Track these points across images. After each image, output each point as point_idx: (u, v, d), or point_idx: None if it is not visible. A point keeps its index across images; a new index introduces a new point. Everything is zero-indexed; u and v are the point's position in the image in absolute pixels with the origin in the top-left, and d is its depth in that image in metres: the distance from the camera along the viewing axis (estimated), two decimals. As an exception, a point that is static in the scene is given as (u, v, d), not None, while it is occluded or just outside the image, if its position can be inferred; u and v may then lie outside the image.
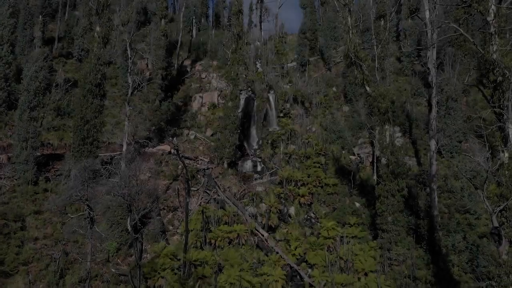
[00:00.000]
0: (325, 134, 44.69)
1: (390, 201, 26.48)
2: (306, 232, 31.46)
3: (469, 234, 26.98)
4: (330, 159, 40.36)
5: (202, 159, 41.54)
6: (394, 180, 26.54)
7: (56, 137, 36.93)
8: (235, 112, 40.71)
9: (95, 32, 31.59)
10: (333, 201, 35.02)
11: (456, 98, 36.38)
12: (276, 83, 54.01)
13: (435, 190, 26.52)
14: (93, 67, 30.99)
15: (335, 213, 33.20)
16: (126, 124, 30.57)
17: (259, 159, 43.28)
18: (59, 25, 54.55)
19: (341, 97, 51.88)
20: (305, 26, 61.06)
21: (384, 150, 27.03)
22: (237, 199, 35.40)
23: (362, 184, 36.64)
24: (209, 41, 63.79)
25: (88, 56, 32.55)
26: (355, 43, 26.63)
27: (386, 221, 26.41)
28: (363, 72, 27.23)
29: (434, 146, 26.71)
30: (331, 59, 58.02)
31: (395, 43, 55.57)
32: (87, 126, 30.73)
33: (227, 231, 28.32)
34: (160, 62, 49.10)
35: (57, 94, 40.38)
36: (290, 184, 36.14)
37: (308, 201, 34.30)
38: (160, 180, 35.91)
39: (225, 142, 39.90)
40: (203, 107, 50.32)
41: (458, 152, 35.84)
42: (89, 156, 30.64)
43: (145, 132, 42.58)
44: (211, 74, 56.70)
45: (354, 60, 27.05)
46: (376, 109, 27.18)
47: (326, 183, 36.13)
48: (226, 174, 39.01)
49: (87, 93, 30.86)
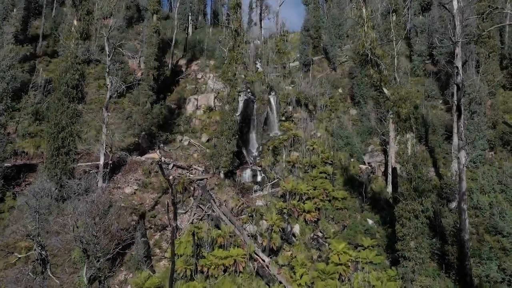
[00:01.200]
0: (331, 140, 40.78)
1: (413, 223, 22.52)
2: (313, 255, 27.51)
3: (505, 261, 23.06)
4: (337, 168, 36.43)
5: (196, 168, 37.62)
6: (418, 199, 22.59)
7: (32, 145, 33.01)
8: (232, 116, 36.77)
9: (73, 26, 27.64)
10: (343, 217, 31.08)
11: (480, 101, 32.47)
12: (277, 84, 50.16)
13: (465, 210, 22.57)
14: (69, 66, 27.03)
15: (345, 232, 29.24)
16: (103, 133, 26.51)
17: (259, 168, 39.37)
18: (44, 21, 50.61)
19: (347, 99, 47.99)
20: (308, 23, 57.12)
21: (405, 163, 23.07)
22: (235, 215, 31.46)
23: (374, 198, 32.71)
24: (206, 39, 59.88)
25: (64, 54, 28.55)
26: (372, 38, 22.69)
27: (408, 247, 22.45)
28: (381, 72, 23.30)
29: (464, 159, 22.76)
30: (336, 58, 54.14)
31: (403, 41, 51.68)
32: (62, 134, 26.79)
33: (222, 257, 24.35)
34: (152, 62, 45.23)
35: (36, 97, 36.47)
36: (294, 197, 32.22)
37: (315, 218, 30.34)
38: (148, 194, 31.97)
39: (221, 150, 35.97)
40: (198, 110, 46.40)
41: (482, 161, 31.94)
42: (65, 169, 26.74)
43: (133, 138, 38.64)
44: (207, 74, 52.82)
45: (370, 58, 23.12)
46: (396, 115, 23.24)
47: (334, 197, 32.19)
48: (223, 186, 35.07)
49: (63, 95, 26.92)
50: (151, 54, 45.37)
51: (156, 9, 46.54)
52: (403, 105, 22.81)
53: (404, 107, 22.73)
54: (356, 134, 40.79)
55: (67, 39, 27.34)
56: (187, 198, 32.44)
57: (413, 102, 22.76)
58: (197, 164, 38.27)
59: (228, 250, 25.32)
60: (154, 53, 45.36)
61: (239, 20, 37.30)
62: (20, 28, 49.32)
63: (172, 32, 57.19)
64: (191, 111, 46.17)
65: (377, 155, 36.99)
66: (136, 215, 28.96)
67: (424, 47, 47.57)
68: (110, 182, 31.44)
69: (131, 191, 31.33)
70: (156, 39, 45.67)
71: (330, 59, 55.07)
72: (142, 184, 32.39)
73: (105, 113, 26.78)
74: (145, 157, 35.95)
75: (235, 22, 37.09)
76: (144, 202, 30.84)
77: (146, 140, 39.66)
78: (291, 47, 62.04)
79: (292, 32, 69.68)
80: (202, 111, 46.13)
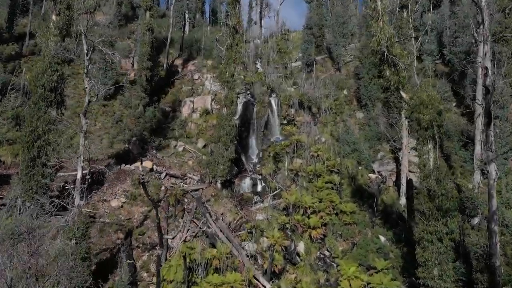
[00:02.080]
0: (337, 145, 37.82)
1: (436, 247, 19.59)
2: (320, 278, 24.56)
3: (540, 289, 20.15)
4: (344, 177, 33.49)
5: (191, 177, 34.67)
6: (442, 219, 19.64)
7: (9, 153, 30.07)
8: (230, 121, 33.82)
9: (51, 21, 24.68)
10: (352, 233, 28.12)
11: (503, 105, 29.56)
12: (278, 85, 47.19)
13: (496, 233, 19.63)
14: (47, 66, 24.09)
15: (355, 251, 26.28)
16: (81, 143, 23.48)
17: (259, 177, 36.43)
18: (31, 19, 47.61)
19: (353, 101, 45.03)
20: (311, 21, 54.12)
21: (426, 177, 20.13)
22: (233, 230, 28.52)
23: (386, 211, 29.77)
24: (204, 38, 56.87)
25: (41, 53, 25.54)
26: (390, 34, 19.75)
27: (431, 274, 19.51)
28: (399, 73, 20.37)
29: (495, 173, 19.78)
30: (341, 58, 51.16)
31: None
32: (39, 142, 23.84)
33: (217, 284, 21.39)
34: (145, 62, 42.25)
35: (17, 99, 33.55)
36: (298, 211, 29.30)
37: (321, 234, 27.40)
38: (137, 207, 29.02)
39: (218, 158, 33.03)
40: (195, 114, 43.43)
41: (505, 172, 29.02)
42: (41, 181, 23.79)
43: (123, 144, 35.68)
44: (204, 75, 49.82)
45: (386, 57, 20.18)
46: (416, 122, 20.30)
47: (342, 210, 29.25)
48: (220, 197, 32.14)
49: (39, 99, 23.98)
50: (144, 54, 42.42)
51: (149, 5, 43.56)
52: (425, 111, 19.87)
53: (425, 113, 19.79)
54: (363, 139, 37.82)
55: (44, 36, 24.38)
56: (180, 211, 29.47)
57: (436, 107, 19.79)
58: (192, 173, 35.33)
59: (224, 275, 22.38)
60: (147, 53, 42.39)
61: (237, 16, 34.36)
62: (6, 26, 46.58)
63: (168, 30, 54.25)
64: (186, 114, 43.20)
65: (388, 163, 34.03)
66: (123, 233, 26.01)
67: (434, 46, 44.68)
68: (95, 194, 28.55)
69: (118, 204, 28.37)
70: (149, 37, 42.69)
71: (334, 58, 52.14)
72: (130, 196, 29.44)
73: (83, 121, 23.68)
74: (135, 165, 32.98)
75: (233, 19, 34.15)
76: (132, 216, 27.89)
77: (138, 146, 36.73)
78: (292, 46, 59.04)
79: (293, 31, 66.77)
80: (199, 114, 43.17)
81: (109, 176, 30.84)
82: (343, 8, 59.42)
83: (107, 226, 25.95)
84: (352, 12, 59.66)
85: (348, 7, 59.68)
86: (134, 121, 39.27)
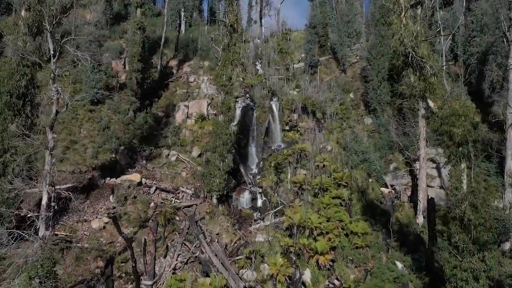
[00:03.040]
0: (344, 155, 34.58)
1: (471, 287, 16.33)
2: (330, 315, 21.31)
3: None
4: (354, 191, 30.23)
5: (184, 191, 31.39)
6: (478, 253, 16.39)
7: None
8: (227, 129, 30.52)
9: (19, 17, 21.39)
10: (364, 258, 24.79)
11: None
12: (280, 88, 43.96)
13: (544, 269, 16.43)
14: (14, 69, 20.79)
15: (369, 280, 22.96)
16: (46, 162, 20.07)
17: (259, 190, 33.15)
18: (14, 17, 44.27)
19: (360, 105, 41.75)
20: (315, 20, 50.81)
21: (459, 202, 16.85)
22: (229, 254, 25.21)
23: (402, 231, 26.51)
24: (201, 38, 53.59)
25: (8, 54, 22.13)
26: (417, 31, 16.49)
27: (467, 321, 16.25)
28: (425, 78, 17.08)
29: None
30: (346, 58, 47.91)
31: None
32: (3, 158, 20.53)
33: (210, 327, 18.15)
34: (135, 63, 38.93)
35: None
36: (303, 231, 26.00)
37: (330, 261, 24.09)
38: (121, 228, 25.68)
39: (214, 170, 29.72)
40: (189, 119, 40.12)
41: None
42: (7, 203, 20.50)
43: (110, 154, 32.38)
44: (201, 77, 46.50)
45: (411, 59, 16.89)
46: (447, 137, 17.00)
47: (353, 231, 25.94)
48: (215, 214, 28.85)
49: (4, 107, 20.68)
50: (134, 54, 39.09)
51: (140, 2, 40.21)
52: (457, 124, 16.60)
53: (459, 127, 16.52)
54: (373, 148, 34.51)
55: (11, 35, 21.08)
56: (170, 233, 26.17)
57: (472, 119, 16.54)
58: (185, 186, 32.04)
59: (218, 315, 19.12)
60: (137, 53, 39.08)
61: (235, 13, 31.05)
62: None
63: (162, 29, 50.99)
64: (180, 120, 39.88)
65: (402, 176, 30.72)
66: (103, 260, 22.69)
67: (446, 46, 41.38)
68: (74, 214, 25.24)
69: (99, 225, 25.05)
70: (140, 36, 39.37)
71: (339, 59, 48.89)
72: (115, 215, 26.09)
73: (50, 135, 20.09)
74: (122, 179, 29.67)
75: (231, 16, 30.84)
76: (115, 240, 24.53)
77: (126, 156, 33.44)
78: (294, 46, 55.80)
79: (295, 31, 63.51)
80: (194, 120, 39.86)
81: (93, 191, 27.69)
82: (348, 6, 56.27)
83: (85, 252, 22.65)
84: (357, 10, 56.45)
85: (353, 5, 56.47)
86: (123, 128, 35.98)
